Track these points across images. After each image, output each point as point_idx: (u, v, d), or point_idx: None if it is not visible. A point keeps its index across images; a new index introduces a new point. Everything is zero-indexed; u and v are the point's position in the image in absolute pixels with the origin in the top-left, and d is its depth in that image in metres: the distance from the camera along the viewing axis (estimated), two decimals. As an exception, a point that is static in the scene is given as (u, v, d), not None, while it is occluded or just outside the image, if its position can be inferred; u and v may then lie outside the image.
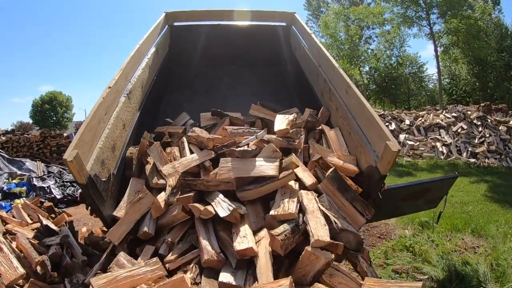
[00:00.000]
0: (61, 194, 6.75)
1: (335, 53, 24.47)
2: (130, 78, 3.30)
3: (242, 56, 4.69)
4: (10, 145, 9.38)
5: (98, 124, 2.49)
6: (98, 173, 2.32)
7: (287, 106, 4.10)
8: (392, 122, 13.31)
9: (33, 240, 2.96)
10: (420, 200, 2.87)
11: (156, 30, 4.14)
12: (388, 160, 2.08)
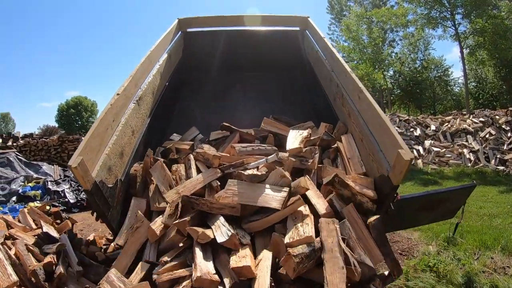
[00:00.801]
0: (75, 199, 6.86)
1: (358, 57, 24.04)
2: (141, 85, 3.30)
3: (255, 62, 4.67)
4: (28, 148, 9.67)
5: (105, 131, 2.49)
6: (104, 180, 2.32)
7: (299, 111, 4.14)
8: (417, 128, 12.85)
9: (32, 247, 2.92)
10: (436, 210, 2.78)
11: (169, 36, 4.16)
12: (400, 170, 1.95)
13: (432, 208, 2.73)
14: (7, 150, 8.45)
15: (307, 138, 2.86)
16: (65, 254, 2.72)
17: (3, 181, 7.11)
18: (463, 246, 3.87)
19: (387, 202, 2.20)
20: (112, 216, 2.42)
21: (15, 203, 6.65)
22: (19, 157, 8.28)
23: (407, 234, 4.43)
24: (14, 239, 3.10)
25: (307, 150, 2.71)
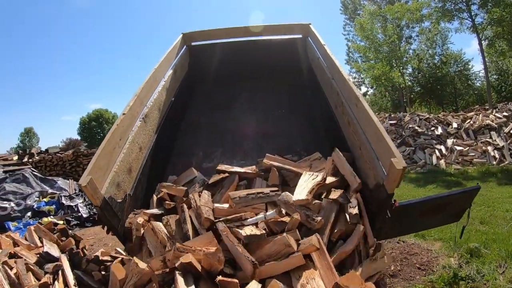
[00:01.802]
0: (88, 213, 6.96)
1: (373, 56, 23.53)
2: (146, 102, 3.41)
3: (260, 71, 4.74)
4: (43, 164, 9.96)
5: (112, 150, 2.63)
6: (113, 195, 2.48)
7: (305, 119, 4.19)
8: (438, 126, 12.44)
9: (33, 266, 2.94)
10: (440, 214, 2.77)
11: (174, 51, 4.28)
12: (394, 178, 1.99)
13: (435, 213, 2.72)
14: (23, 166, 8.71)
15: (319, 184, 2.45)
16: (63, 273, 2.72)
17: (18, 197, 7.32)
18: (488, 258, 3.60)
19: (383, 210, 2.23)
20: (122, 229, 2.55)
21: (30, 218, 6.83)
22: (34, 173, 8.52)
23: (427, 245, 4.23)
24: (18, 258, 3.14)
25: (316, 204, 2.34)
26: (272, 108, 4.50)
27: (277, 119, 4.36)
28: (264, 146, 3.92)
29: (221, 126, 4.23)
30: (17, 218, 6.80)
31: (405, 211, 2.40)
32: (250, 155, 3.85)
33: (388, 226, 2.41)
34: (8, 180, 7.79)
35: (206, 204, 2.44)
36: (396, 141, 13.00)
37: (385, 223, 2.35)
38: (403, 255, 3.95)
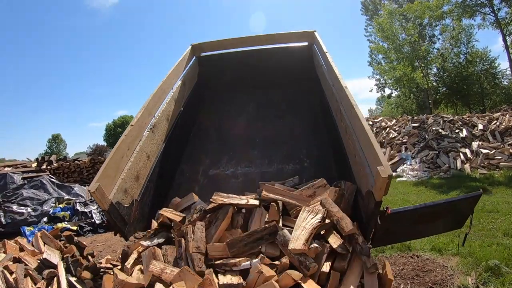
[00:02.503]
0: (100, 220, 7.07)
1: (394, 57, 22.94)
2: (154, 113, 3.58)
3: (268, 79, 4.91)
4: (61, 171, 10.27)
5: (120, 159, 2.83)
6: (120, 200, 2.67)
7: (312, 126, 4.30)
8: (463, 128, 11.95)
9: (32, 271, 2.99)
10: (440, 221, 2.76)
11: (182, 63, 4.46)
12: (380, 186, 2.04)
13: (433, 220, 2.70)
14: (41, 173, 9.03)
15: (319, 225, 2.31)
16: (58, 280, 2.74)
17: (35, 203, 7.58)
18: (508, 278, 3.29)
19: (374, 217, 2.27)
20: (129, 231, 2.72)
21: (45, 223, 7.03)
22: (52, 179, 8.81)
23: (443, 260, 3.96)
24: (21, 262, 3.23)
25: (312, 249, 2.16)
26: (278, 115, 4.59)
27: (282, 126, 4.42)
28: (269, 153, 4.05)
29: (228, 133, 4.39)
30: (33, 223, 7.04)
31: (399, 218, 2.42)
32: (254, 162, 3.98)
33: (383, 233, 2.44)
34: (26, 186, 8.09)
35: (198, 244, 2.34)
36: (419, 144, 12.56)
37: (378, 229, 2.39)
38: (415, 272, 3.70)
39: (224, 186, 3.68)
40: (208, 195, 3.55)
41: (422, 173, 10.87)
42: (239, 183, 3.76)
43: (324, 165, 3.80)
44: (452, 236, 4.60)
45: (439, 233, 4.00)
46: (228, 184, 3.78)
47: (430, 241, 4.53)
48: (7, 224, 6.91)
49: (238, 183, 3.78)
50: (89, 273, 2.80)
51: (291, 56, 4.96)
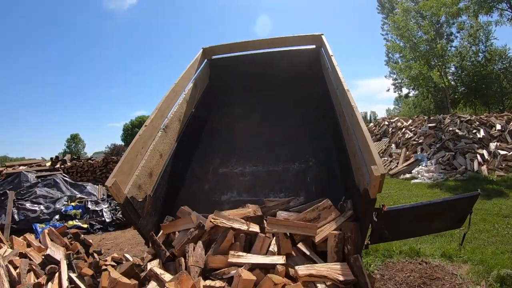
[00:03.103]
0: (111, 218, 7.20)
1: (410, 55, 22.40)
2: (167, 114, 3.80)
3: (277, 81, 5.12)
4: (75, 170, 10.53)
5: (135, 157, 3.05)
6: (134, 195, 2.89)
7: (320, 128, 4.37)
8: (481, 129, 11.60)
9: (36, 267, 3.07)
10: (436, 221, 2.84)
11: (194, 66, 4.66)
12: (373, 184, 2.18)
13: (431, 219, 2.79)
14: (55, 172, 9.27)
15: None
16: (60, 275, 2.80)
17: (48, 201, 7.79)
18: None
19: (369, 213, 2.42)
20: (142, 224, 2.96)
21: (57, 221, 7.21)
22: (65, 178, 9.04)
23: (453, 268, 3.84)
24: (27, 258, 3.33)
25: None
26: (285, 116, 4.76)
27: (290, 127, 4.54)
28: (276, 153, 4.21)
29: (238, 134, 4.57)
30: (45, 220, 7.24)
31: (396, 216, 2.55)
32: (262, 161, 4.13)
33: (380, 230, 2.58)
34: (40, 184, 8.33)
35: (197, 259, 2.46)
36: (435, 145, 12.25)
37: (376, 227, 2.53)
38: (422, 279, 3.57)
39: (232, 184, 3.89)
40: (217, 192, 3.83)
41: (438, 175, 10.59)
42: (246, 181, 3.92)
43: (328, 165, 3.90)
44: (464, 242, 4.48)
45: (438, 232, 4.23)
46: (237, 182, 3.95)
47: (441, 246, 4.42)
48: (20, 221, 7.14)
49: (246, 181, 3.93)
50: (90, 270, 2.86)
51: (299, 59, 5.10)
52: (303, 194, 3.54)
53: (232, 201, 3.69)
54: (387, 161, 14.00)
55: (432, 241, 4.71)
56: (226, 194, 3.84)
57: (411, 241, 4.63)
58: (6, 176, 8.78)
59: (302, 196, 3.37)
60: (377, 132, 18.26)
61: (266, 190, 3.76)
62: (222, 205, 3.65)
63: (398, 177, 11.68)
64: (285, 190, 3.72)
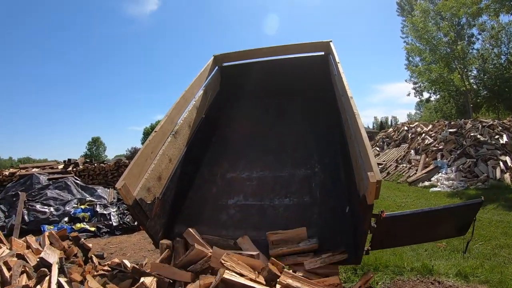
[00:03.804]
0: (117, 222, 7.24)
1: (429, 58, 21.77)
2: (177, 121, 3.95)
3: (287, 87, 5.23)
4: (86, 173, 10.73)
5: (144, 161, 3.21)
6: (143, 197, 3.04)
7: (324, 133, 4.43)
8: (503, 134, 11.15)
9: (29, 269, 3.10)
10: (440, 227, 2.85)
11: (205, 73, 4.83)
12: (370, 190, 2.23)
13: (433, 226, 2.80)
14: (66, 175, 9.47)
15: None
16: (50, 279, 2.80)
17: (58, 203, 7.93)
18: None
19: (366, 220, 2.46)
20: (150, 225, 3.11)
21: (66, 223, 7.32)
22: (76, 181, 9.20)
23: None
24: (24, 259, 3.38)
25: None
26: (294, 122, 4.85)
27: (298, 133, 4.64)
28: (283, 158, 4.29)
29: (247, 139, 4.71)
30: (54, 222, 7.36)
31: (395, 222, 2.59)
32: (269, 166, 4.22)
33: (380, 236, 2.64)
34: (51, 187, 8.50)
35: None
36: (456, 151, 11.81)
37: (375, 233, 2.58)
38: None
39: (239, 188, 3.99)
40: (225, 196, 3.94)
41: (458, 183, 10.18)
42: (253, 186, 4.01)
43: (334, 170, 3.92)
44: (483, 259, 4.25)
45: (441, 239, 4.25)
46: (244, 186, 4.03)
47: (456, 264, 4.14)
48: (30, 222, 7.27)
49: (252, 186, 4.02)
50: (79, 276, 2.83)
51: (308, 65, 5.21)
52: (307, 199, 3.64)
53: (238, 205, 3.81)
54: (406, 167, 13.60)
55: (448, 257, 4.42)
56: (233, 198, 3.91)
57: (424, 256, 4.39)
58: (19, 178, 9.02)
59: (314, 238, 3.14)
60: (396, 137, 17.84)
61: (271, 195, 3.83)
62: (229, 208, 3.77)
63: (417, 184, 11.31)
64: (290, 195, 3.77)
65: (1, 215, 7.77)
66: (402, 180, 12.45)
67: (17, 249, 3.73)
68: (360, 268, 3.97)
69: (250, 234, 3.33)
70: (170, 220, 3.56)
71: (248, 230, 3.40)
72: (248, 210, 3.72)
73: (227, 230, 3.50)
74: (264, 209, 3.68)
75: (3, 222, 7.47)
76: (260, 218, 3.58)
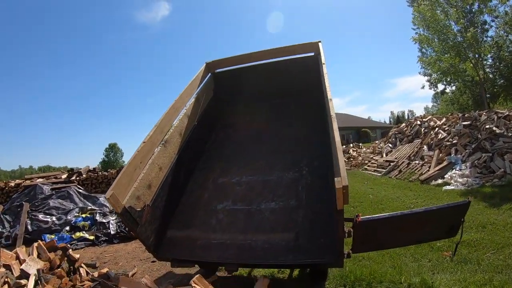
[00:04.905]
0: (115, 230, 7.36)
1: (439, 48, 21.22)
2: (167, 130, 4.12)
3: (279, 90, 5.42)
4: (89, 182, 10.97)
5: (133, 171, 3.39)
6: (133, 205, 3.23)
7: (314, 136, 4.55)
8: (520, 126, 10.66)
9: (11, 280, 3.19)
10: (425, 229, 2.86)
11: (196, 81, 4.97)
12: (338, 196, 2.32)
13: (417, 228, 2.81)
14: (70, 184, 9.71)
15: None
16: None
17: (60, 212, 8.13)
18: None
19: (339, 224, 2.55)
20: (140, 231, 3.32)
21: (67, 232, 7.50)
22: (79, 190, 9.41)
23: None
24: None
25: None
26: (286, 125, 5.00)
27: (289, 136, 4.79)
28: (273, 162, 4.42)
29: (239, 144, 4.91)
30: (56, 231, 7.53)
31: (372, 226, 2.64)
32: (258, 170, 4.37)
33: (360, 240, 2.74)
34: (54, 196, 8.72)
35: None
36: (471, 146, 11.44)
37: (354, 237, 2.70)
38: None
39: (229, 193, 4.16)
40: (215, 201, 4.10)
41: (473, 180, 9.84)
42: (242, 191, 4.16)
43: (321, 173, 3.99)
44: (493, 272, 3.68)
45: (429, 241, 4.19)
46: (233, 191, 4.17)
47: (462, 278, 3.56)
48: (33, 231, 7.46)
49: (241, 190, 4.17)
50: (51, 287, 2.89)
51: (299, 67, 5.34)
52: (293, 203, 3.74)
53: (226, 210, 3.96)
54: (418, 164, 13.27)
55: (453, 270, 3.84)
56: (222, 203, 4.07)
57: (427, 268, 3.91)
58: (24, 188, 9.33)
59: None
60: (408, 133, 17.44)
61: (259, 198, 3.95)
62: (218, 213, 3.94)
63: (429, 183, 11.00)
64: (277, 199, 3.87)
65: (6, 225, 8.05)
66: (414, 178, 12.15)
67: (5, 260, 3.83)
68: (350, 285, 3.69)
69: (237, 238, 3.54)
70: (162, 225, 3.76)
71: (235, 234, 3.60)
72: (236, 215, 3.85)
73: (215, 234, 3.67)
74: (251, 213, 3.79)
75: (8, 232, 7.72)
76: (247, 222, 3.70)
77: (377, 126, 57.15)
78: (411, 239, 3.13)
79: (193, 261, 3.68)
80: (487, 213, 6.18)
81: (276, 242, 3.33)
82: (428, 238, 3.35)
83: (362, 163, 18.50)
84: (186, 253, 3.59)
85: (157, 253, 3.63)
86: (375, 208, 7.62)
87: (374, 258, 4.36)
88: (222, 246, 3.49)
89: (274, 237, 3.39)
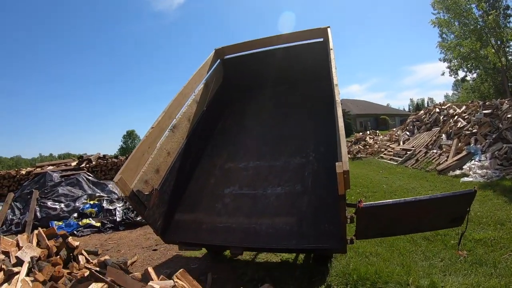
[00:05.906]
0: (121, 217, 7.41)
1: (459, 32, 20.32)
2: (175, 116, 4.18)
3: (288, 76, 5.44)
4: (99, 169, 11.08)
5: (141, 156, 3.48)
6: (141, 189, 3.33)
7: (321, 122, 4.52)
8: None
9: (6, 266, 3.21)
10: (426, 219, 2.85)
11: (205, 67, 4.99)
12: (339, 180, 2.34)
13: (420, 216, 2.79)
14: (79, 171, 9.84)
15: None
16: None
17: (69, 199, 8.25)
18: None
19: (341, 209, 2.60)
20: (148, 214, 3.42)
21: (75, 219, 7.60)
22: (88, 177, 9.53)
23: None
24: (6, 255, 3.53)
25: None
26: (293, 112, 4.99)
27: (297, 122, 4.80)
28: (280, 148, 4.46)
29: (247, 130, 4.95)
30: (64, 218, 7.66)
31: (374, 212, 2.63)
32: (265, 156, 4.41)
33: (363, 226, 2.75)
34: (63, 184, 8.86)
35: None
36: (491, 135, 10.96)
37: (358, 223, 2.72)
38: None
39: (235, 178, 4.20)
40: (222, 186, 4.17)
41: (493, 172, 9.41)
42: (249, 176, 4.21)
43: (327, 159, 3.97)
44: (510, 277, 3.25)
45: (433, 230, 4.17)
46: (240, 176, 4.23)
47: (476, 282, 3.22)
48: (41, 218, 7.61)
49: (248, 175, 4.21)
50: (42, 276, 2.87)
51: (309, 53, 5.28)
52: (299, 188, 3.78)
53: (233, 194, 4.02)
54: (436, 154, 12.85)
55: (467, 272, 3.46)
56: (229, 188, 4.11)
57: (438, 269, 3.62)
58: (34, 176, 9.51)
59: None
60: (427, 120, 16.90)
61: (265, 183, 3.99)
62: (224, 197, 4.00)
63: (447, 173, 10.63)
64: (283, 184, 3.92)
65: (17, 212, 8.23)
66: (431, 168, 11.77)
67: (5, 247, 3.87)
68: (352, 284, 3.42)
69: (242, 222, 3.63)
70: (170, 209, 3.85)
71: (240, 218, 3.67)
72: (242, 199, 3.91)
73: (221, 218, 3.75)
74: (257, 198, 3.84)
75: (18, 219, 7.89)
76: (252, 207, 3.75)
77: (396, 113, 56.63)
78: (417, 226, 3.10)
79: (199, 244, 3.78)
80: (507, 208, 5.65)
81: (280, 227, 3.40)
82: (431, 227, 3.34)
83: (378, 151, 18.15)
84: (192, 236, 3.68)
85: (164, 236, 3.74)
86: (387, 199, 7.38)
87: (382, 254, 4.11)
88: (228, 230, 3.58)
89: (278, 222, 3.46)
